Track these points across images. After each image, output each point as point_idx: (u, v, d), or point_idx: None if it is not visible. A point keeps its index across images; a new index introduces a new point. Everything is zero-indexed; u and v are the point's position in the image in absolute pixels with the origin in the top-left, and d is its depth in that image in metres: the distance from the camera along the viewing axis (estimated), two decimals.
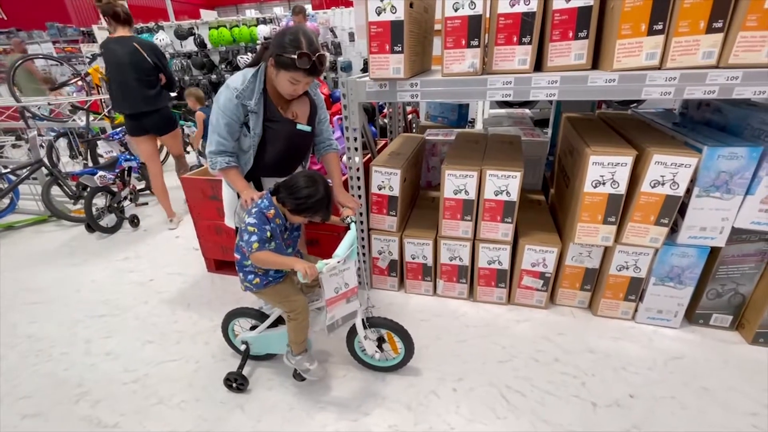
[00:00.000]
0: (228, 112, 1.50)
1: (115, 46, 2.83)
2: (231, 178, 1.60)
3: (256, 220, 1.38)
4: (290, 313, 1.53)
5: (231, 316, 1.78)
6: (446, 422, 1.51)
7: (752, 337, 1.79)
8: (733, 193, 1.62)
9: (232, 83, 1.50)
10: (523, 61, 1.65)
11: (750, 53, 1.40)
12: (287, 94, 1.52)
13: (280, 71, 1.45)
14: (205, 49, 6.74)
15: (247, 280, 1.53)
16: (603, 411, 1.53)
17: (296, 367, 1.63)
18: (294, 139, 1.63)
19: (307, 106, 1.67)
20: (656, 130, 1.94)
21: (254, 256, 1.38)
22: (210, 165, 1.59)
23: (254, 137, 1.56)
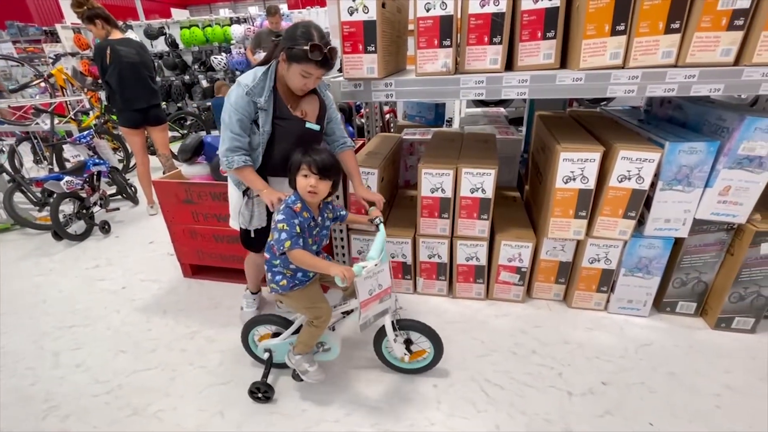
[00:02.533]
0: (240, 108, 1.50)
1: (122, 47, 3.02)
2: (248, 177, 1.57)
3: (284, 216, 1.36)
4: (315, 320, 1.50)
5: (251, 324, 1.71)
6: (427, 418, 1.53)
7: (714, 323, 1.88)
8: (694, 185, 1.70)
9: (243, 80, 1.51)
10: (494, 60, 1.69)
11: (705, 53, 1.48)
12: (298, 88, 1.52)
13: (291, 64, 1.45)
14: (177, 50, 6.56)
15: (275, 281, 1.49)
16: (578, 399, 1.58)
17: (295, 367, 1.60)
18: (303, 138, 1.60)
19: (317, 105, 1.66)
20: (623, 127, 2.01)
21: (291, 254, 1.35)
22: (226, 164, 1.55)
23: (263, 135, 1.55)
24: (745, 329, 1.86)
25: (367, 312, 1.43)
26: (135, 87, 3.14)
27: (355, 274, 1.29)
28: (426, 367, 1.69)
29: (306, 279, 1.52)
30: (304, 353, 1.58)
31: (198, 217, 2.31)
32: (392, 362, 1.72)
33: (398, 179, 2.80)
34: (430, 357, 1.67)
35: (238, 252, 2.33)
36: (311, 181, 1.36)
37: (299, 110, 1.62)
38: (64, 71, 4.81)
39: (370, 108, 2.93)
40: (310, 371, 1.58)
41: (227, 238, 2.31)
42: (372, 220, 1.59)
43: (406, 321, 1.61)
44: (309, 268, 1.39)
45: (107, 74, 3.05)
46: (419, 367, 1.70)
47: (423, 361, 1.69)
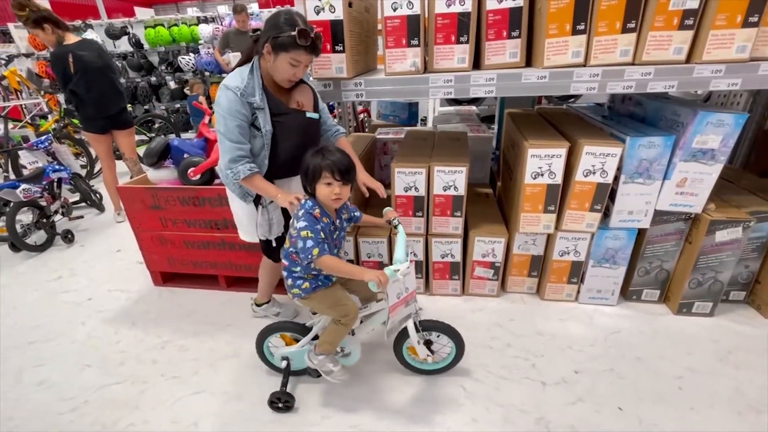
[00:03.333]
0: (236, 113, 1.41)
1: (83, 52, 2.83)
2: (258, 185, 1.49)
3: (306, 222, 1.31)
4: (342, 318, 1.45)
5: (265, 333, 1.65)
6: (407, 415, 1.53)
7: (677, 308, 1.98)
8: (654, 178, 1.77)
9: (232, 83, 1.42)
10: (462, 59, 1.71)
11: (659, 51, 1.55)
12: (287, 79, 1.46)
13: (278, 54, 1.38)
14: (142, 50, 6.33)
15: (296, 286, 1.44)
16: (551, 388, 1.62)
17: (318, 367, 1.53)
18: (306, 130, 1.56)
19: (310, 94, 1.61)
20: (588, 123, 2.08)
21: (320, 262, 1.29)
22: (231, 177, 1.46)
23: (266, 135, 1.48)
24: (704, 313, 1.96)
25: (394, 317, 1.40)
26: (106, 93, 2.99)
27: (390, 278, 1.25)
28: (448, 366, 1.67)
29: (329, 281, 1.48)
30: (328, 353, 1.53)
31: (167, 223, 2.24)
32: (414, 365, 1.69)
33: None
34: (451, 356, 1.65)
35: (211, 258, 2.28)
36: (335, 189, 1.31)
37: (294, 102, 1.55)
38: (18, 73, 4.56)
39: (343, 108, 2.92)
40: (334, 371, 1.53)
41: (198, 244, 2.24)
42: (390, 221, 1.56)
43: (427, 322, 1.57)
44: (340, 274, 1.35)
45: (72, 83, 2.86)
46: (441, 367, 1.68)
47: (444, 360, 1.67)
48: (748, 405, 1.51)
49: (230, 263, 2.27)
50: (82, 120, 3.11)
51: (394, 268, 1.29)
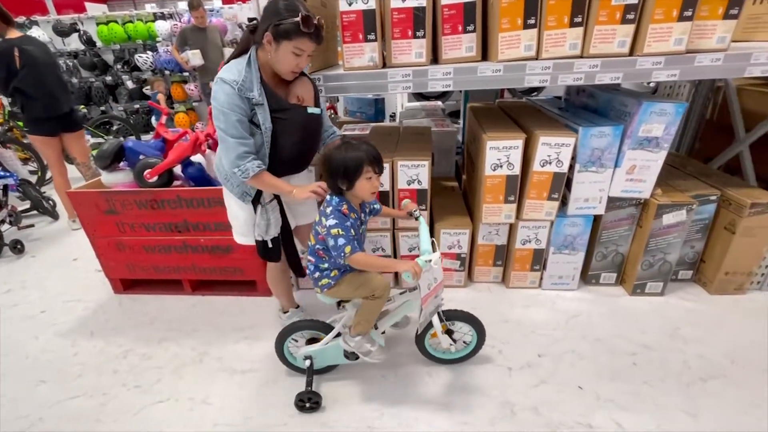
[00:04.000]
0: (236, 108, 1.33)
1: (29, 46, 2.69)
2: (270, 182, 1.43)
3: (337, 220, 1.29)
4: (374, 291, 1.41)
5: (285, 334, 1.61)
6: (378, 411, 1.55)
7: (632, 289, 2.08)
8: (606, 166, 1.86)
9: (228, 76, 1.33)
10: (419, 54, 1.73)
11: (605, 44, 1.62)
12: (289, 71, 1.38)
13: (281, 43, 1.30)
14: (95, 48, 6.01)
15: (325, 277, 1.42)
16: (517, 373, 1.68)
17: (355, 349, 1.51)
18: (308, 126, 1.49)
19: (310, 87, 1.53)
20: (545, 115, 2.15)
21: (352, 260, 1.28)
22: (240, 175, 1.38)
23: (266, 133, 1.40)
24: (656, 293, 2.07)
25: (426, 308, 1.40)
26: (55, 90, 2.85)
27: (422, 268, 1.25)
28: (470, 354, 1.69)
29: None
30: (364, 333, 1.51)
31: (124, 228, 2.15)
32: (437, 355, 1.70)
33: None
34: (473, 344, 1.67)
35: (173, 262, 2.20)
36: (375, 182, 1.31)
37: (294, 97, 1.48)
38: None
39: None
40: (372, 350, 1.51)
41: (159, 248, 2.17)
42: (411, 213, 1.55)
43: (449, 311, 1.59)
44: (374, 269, 1.33)
45: (17, 80, 2.69)
46: (463, 355, 1.70)
47: (466, 348, 1.69)
48: (695, 375, 1.61)
49: (194, 266, 2.21)
50: (28, 122, 2.93)
51: (426, 259, 1.29)
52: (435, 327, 1.52)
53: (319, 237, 1.38)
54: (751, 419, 1.42)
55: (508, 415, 1.49)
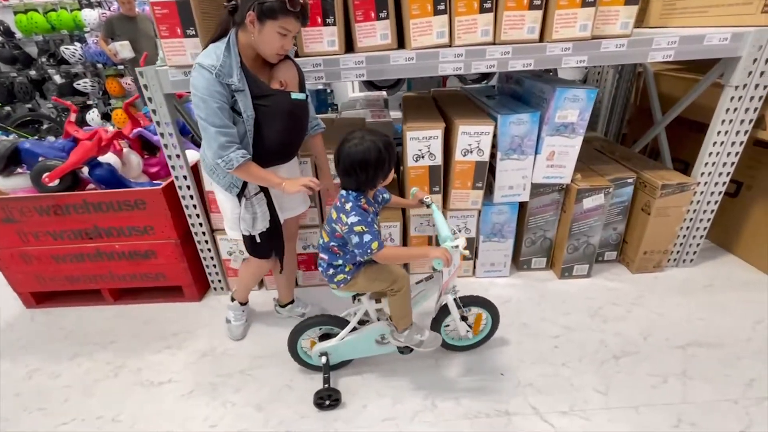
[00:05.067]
0: (216, 94, 1.25)
1: None
2: (257, 173, 1.37)
3: (359, 217, 1.22)
4: (393, 285, 1.37)
5: (297, 332, 1.56)
6: (297, 413, 1.50)
7: (560, 273, 2.14)
8: (527, 153, 1.87)
9: (206, 61, 1.25)
10: (331, 42, 1.66)
11: (515, 30, 1.61)
12: (274, 53, 1.31)
13: (265, 23, 1.23)
14: (14, 39, 5.48)
15: (340, 272, 1.38)
16: (445, 363, 1.68)
17: (407, 343, 1.48)
18: (293, 113, 1.41)
19: (294, 71, 1.44)
20: (472, 104, 2.14)
21: (380, 256, 1.24)
22: (224, 166, 1.31)
23: (248, 121, 1.32)
24: (582, 275, 2.14)
25: (446, 293, 1.45)
26: None
27: (451, 254, 1.25)
28: (485, 338, 1.70)
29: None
30: (409, 326, 1.47)
31: (27, 237, 1.97)
32: (453, 343, 1.69)
33: None
34: (488, 327, 1.68)
35: (88, 271, 2.05)
36: (392, 174, 1.32)
37: (276, 82, 1.40)
38: None
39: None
40: (424, 340, 1.48)
41: (70, 258, 2.00)
42: (422, 200, 1.53)
43: (464, 297, 1.58)
44: (403, 261, 1.29)
45: None
46: (479, 340, 1.70)
47: (481, 333, 1.69)
48: (610, 353, 1.67)
49: (112, 275, 2.06)
50: None
51: (453, 245, 1.27)
52: (452, 313, 1.52)
53: (335, 234, 1.31)
54: (659, 393, 1.49)
55: (429, 407, 1.49)
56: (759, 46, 1.63)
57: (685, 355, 1.64)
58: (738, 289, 1.99)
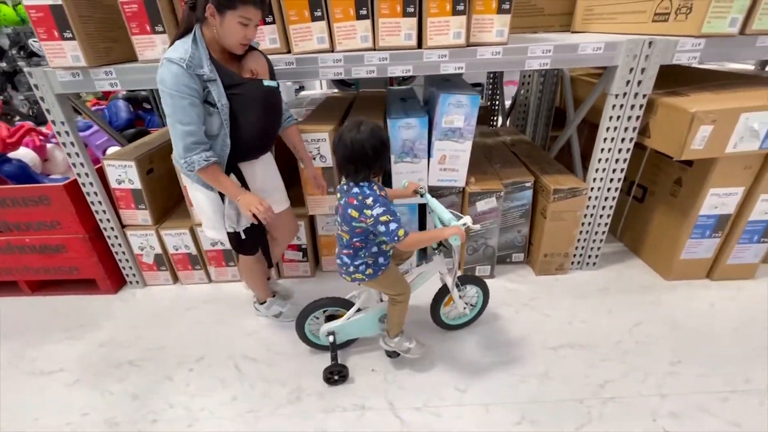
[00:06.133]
0: (184, 90, 1.25)
1: None
2: (216, 178, 1.37)
3: (384, 207, 1.26)
4: (399, 296, 1.51)
5: (305, 314, 1.67)
6: (168, 403, 1.57)
7: (464, 273, 2.18)
8: (419, 157, 1.91)
9: (174, 54, 1.25)
10: None
11: (392, 37, 1.64)
12: (237, 44, 1.33)
13: (225, 14, 1.25)
14: None
15: (360, 272, 1.43)
16: (320, 357, 1.73)
17: (396, 349, 1.61)
18: (268, 100, 1.43)
19: (263, 60, 1.47)
20: (381, 106, 2.18)
21: (405, 243, 1.28)
22: (185, 167, 1.32)
23: (222, 111, 1.33)
24: (486, 275, 2.18)
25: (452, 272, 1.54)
26: None
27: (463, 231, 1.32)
28: (478, 313, 1.85)
29: (386, 262, 1.47)
30: (400, 333, 1.61)
31: None
32: (450, 323, 1.83)
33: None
34: (479, 304, 1.83)
35: (4, 263, 2.12)
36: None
37: (247, 72, 1.42)
38: None
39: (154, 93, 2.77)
40: (412, 347, 1.60)
41: None
42: (416, 191, 1.57)
43: (462, 277, 1.72)
44: (425, 244, 1.37)
45: None
46: (473, 315, 1.84)
47: (475, 309, 1.83)
48: (482, 353, 1.72)
49: (26, 267, 2.13)
50: None
51: (461, 223, 1.34)
52: (452, 293, 1.62)
53: (356, 231, 1.34)
54: (514, 391, 1.54)
55: (293, 400, 1.55)
56: (634, 56, 1.66)
57: (555, 356, 1.69)
58: (632, 292, 2.04)
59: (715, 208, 1.88)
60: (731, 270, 2.05)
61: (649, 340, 1.73)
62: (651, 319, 1.85)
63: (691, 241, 1.97)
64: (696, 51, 1.64)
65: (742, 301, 1.92)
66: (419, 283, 1.65)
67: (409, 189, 1.58)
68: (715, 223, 1.92)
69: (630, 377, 1.56)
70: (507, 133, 2.80)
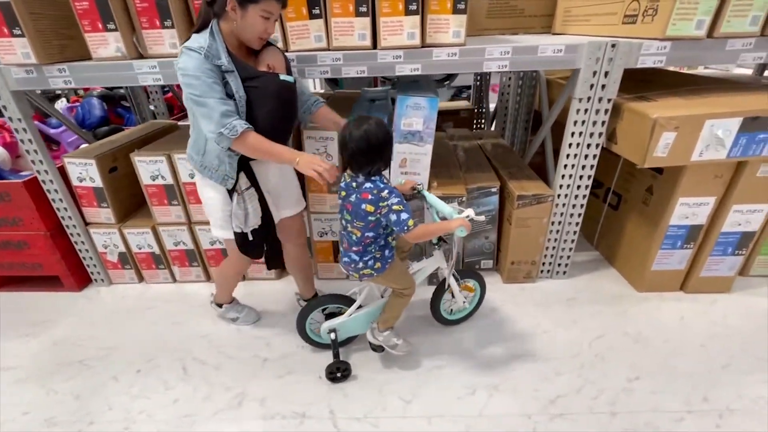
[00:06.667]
0: (207, 71, 1.25)
1: None
2: (261, 144, 1.32)
3: (398, 198, 1.29)
4: (405, 289, 1.52)
5: (305, 313, 1.68)
6: (108, 404, 1.55)
7: (428, 279, 2.13)
8: None
9: (194, 44, 1.26)
10: (173, 44, 1.68)
11: (346, 37, 1.61)
12: (257, 38, 1.32)
13: (247, 8, 1.24)
14: None
15: (369, 267, 1.43)
16: (270, 363, 1.70)
17: (383, 343, 1.60)
18: (283, 95, 1.42)
19: (280, 55, 1.45)
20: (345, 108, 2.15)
21: (413, 234, 1.31)
22: (228, 133, 1.26)
23: (239, 102, 1.32)
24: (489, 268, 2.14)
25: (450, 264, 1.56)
26: None
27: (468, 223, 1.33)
28: (476, 307, 1.87)
29: (392, 254, 1.47)
30: (390, 328, 1.61)
31: None
32: (449, 318, 1.85)
33: None
34: (477, 296, 1.84)
35: None
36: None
37: (264, 65, 1.40)
38: None
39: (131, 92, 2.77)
40: (399, 344, 1.60)
41: None
42: (414, 188, 1.56)
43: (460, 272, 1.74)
44: (432, 235, 1.38)
45: None
46: (471, 309, 1.87)
47: (473, 302, 1.86)
48: (433, 362, 1.67)
49: None
50: None
51: (465, 215, 1.35)
52: (452, 287, 1.66)
53: (370, 225, 1.34)
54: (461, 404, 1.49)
55: (234, 406, 1.52)
56: (596, 59, 1.60)
57: (509, 367, 1.63)
58: (600, 303, 1.97)
59: (685, 218, 1.80)
60: (706, 283, 1.97)
61: (609, 354, 1.67)
62: (614, 332, 1.78)
63: (662, 251, 1.90)
64: (662, 54, 1.58)
65: (713, 316, 1.84)
66: (419, 278, 1.65)
67: (406, 186, 1.57)
68: (687, 234, 1.85)
69: (583, 393, 1.50)
70: (487, 136, 2.75)
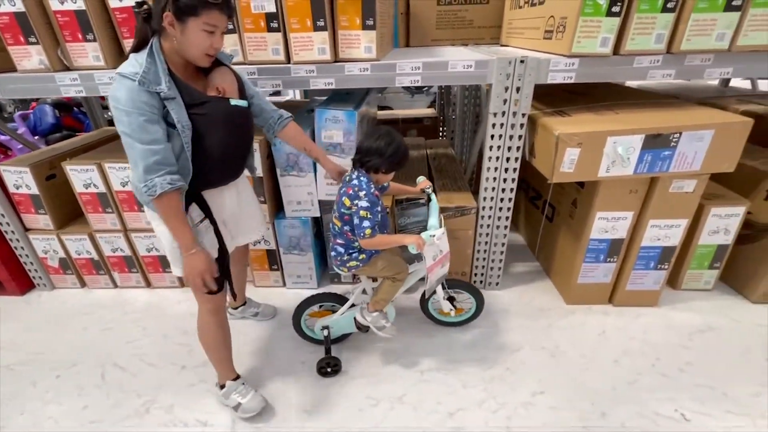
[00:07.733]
0: (141, 106, 1.08)
1: None
2: (175, 213, 1.16)
3: (369, 204, 1.35)
4: (396, 275, 1.56)
5: (300, 309, 1.75)
6: (21, 410, 1.58)
7: None
8: (305, 170, 1.90)
9: (126, 69, 1.09)
10: (96, 57, 1.72)
11: (260, 51, 1.65)
12: (202, 54, 1.15)
13: (187, 22, 1.09)
14: None
15: (354, 258, 1.49)
16: (190, 371, 1.73)
17: (371, 324, 1.64)
18: (234, 121, 1.27)
19: (232, 76, 1.31)
20: None
21: (367, 242, 1.38)
22: (146, 193, 1.11)
23: (183, 132, 1.15)
24: None
25: (432, 276, 1.54)
26: None
27: (425, 241, 1.36)
28: (470, 318, 1.89)
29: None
30: (381, 309, 1.63)
31: None
32: (438, 318, 1.90)
33: None
34: (473, 309, 1.87)
35: None
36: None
37: (213, 89, 1.25)
38: None
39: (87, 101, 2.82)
40: (386, 326, 1.63)
41: None
42: (424, 190, 1.62)
43: (451, 280, 1.78)
44: (385, 246, 1.44)
45: None
46: (465, 318, 1.90)
47: (467, 313, 1.89)
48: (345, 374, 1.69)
49: None
50: None
51: (430, 233, 1.39)
52: (437, 293, 1.68)
53: (345, 218, 1.42)
54: (363, 416, 1.51)
55: (142, 413, 1.55)
56: (507, 75, 1.61)
57: (419, 380, 1.65)
58: (527, 316, 1.97)
59: (605, 231, 1.81)
60: (632, 296, 1.97)
61: (521, 368, 1.67)
62: (533, 346, 1.79)
63: (586, 264, 1.90)
64: (570, 71, 1.59)
65: (633, 331, 1.84)
66: (410, 281, 1.69)
67: (419, 186, 1.64)
68: (608, 248, 1.85)
69: (484, 407, 1.51)
70: (437, 146, 2.76)
